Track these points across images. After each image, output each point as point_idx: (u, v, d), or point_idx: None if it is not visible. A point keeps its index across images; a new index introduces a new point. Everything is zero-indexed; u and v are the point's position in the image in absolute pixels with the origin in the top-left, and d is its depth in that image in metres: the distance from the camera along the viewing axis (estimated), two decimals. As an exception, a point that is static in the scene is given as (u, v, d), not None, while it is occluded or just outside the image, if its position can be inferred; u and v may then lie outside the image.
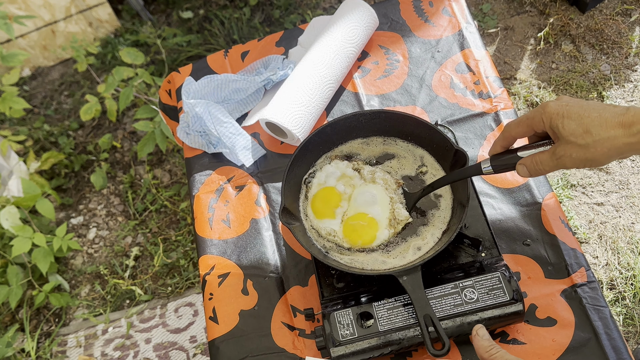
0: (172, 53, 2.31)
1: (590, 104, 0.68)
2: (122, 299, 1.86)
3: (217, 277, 0.98)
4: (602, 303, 0.84)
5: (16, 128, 2.25)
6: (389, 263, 0.87)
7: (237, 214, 1.04)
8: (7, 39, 2.25)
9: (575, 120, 0.67)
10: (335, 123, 0.96)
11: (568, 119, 0.67)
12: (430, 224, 0.90)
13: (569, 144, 0.68)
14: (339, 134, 0.98)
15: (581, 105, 0.68)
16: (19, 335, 1.82)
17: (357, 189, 0.93)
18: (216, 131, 1.06)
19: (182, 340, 1.72)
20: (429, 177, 0.94)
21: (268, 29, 2.31)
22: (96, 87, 2.34)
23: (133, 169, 2.11)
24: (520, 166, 0.75)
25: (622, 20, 2.04)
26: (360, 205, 0.92)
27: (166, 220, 1.99)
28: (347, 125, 0.97)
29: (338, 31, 1.09)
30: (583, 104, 0.68)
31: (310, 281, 0.94)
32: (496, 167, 0.78)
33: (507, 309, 0.79)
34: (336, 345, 0.79)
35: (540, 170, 0.73)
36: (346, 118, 0.96)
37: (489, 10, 2.17)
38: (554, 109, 0.69)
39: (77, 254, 1.99)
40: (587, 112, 0.67)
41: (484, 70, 1.09)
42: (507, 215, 0.94)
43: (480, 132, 1.03)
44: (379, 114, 0.96)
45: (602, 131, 0.65)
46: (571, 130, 0.67)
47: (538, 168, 0.73)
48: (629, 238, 1.67)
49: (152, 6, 2.53)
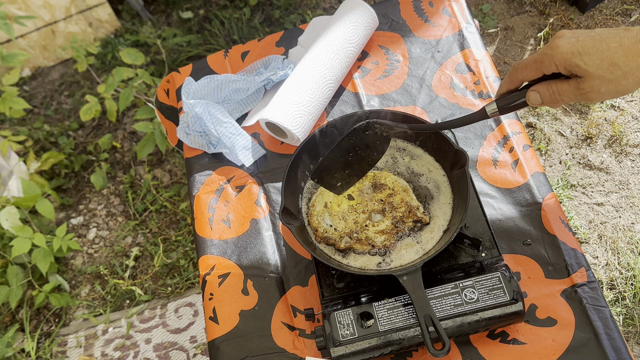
0: (172, 53, 2.31)
1: (599, 33, 0.65)
2: (122, 299, 1.86)
3: (217, 277, 0.98)
4: (602, 303, 0.84)
5: (16, 128, 2.25)
6: (389, 263, 0.87)
7: (237, 214, 1.04)
8: (7, 39, 2.25)
9: (595, 55, 0.64)
10: (335, 123, 0.96)
11: (587, 55, 0.64)
12: (431, 224, 0.90)
13: (597, 79, 0.65)
14: (339, 134, 0.98)
15: (592, 37, 0.65)
16: (19, 335, 1.82)
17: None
18: (216, 131, 1.06)
19: (182, 340, 1.72)
20: (425, 179, 0.94)
21: (268, 29, 2.31)
22: (96, 87, 2.34)
23: (133, 169, 2.11)
24: (533, 93, 0.71)
25: (622, 20, 2.04)
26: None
27: (166, 221, 1.99)
28: (347, 125, 0.97)
29: (338, 31, 1.09)
30: (593, 36, 0.65)
31: (311, 281, 0.94)
32: (502, 106, 0.75)
33: (507, 309, 0.79)
34: (336, 345, 0.79)
35: (558, 100, 0.70)
36: (346, 118, 0.96)
37: (489, 10, 2.17)
38: (566, 48, 0.66)
39: (77, 254, 1.99)
40: (605, 43, 0.64)
41: (484, 70, 1.09)
42: (507, 215, 0.94)
43: (480, 132, 1.03)
44: (379, 114, 0.96)
45: (629, 61, 0.63)
46: (595, 65, 0.64)
47: (555, 97, 0.69)
48: (629, 238, 1.67)
49: (152, 6, 2.53)
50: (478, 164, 1.00)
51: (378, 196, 0.92)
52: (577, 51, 0.65)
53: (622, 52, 0.63)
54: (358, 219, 0.91)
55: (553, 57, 0.67)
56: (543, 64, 0.69)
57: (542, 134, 1.88)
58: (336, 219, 0.91)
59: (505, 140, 1.01)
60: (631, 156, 1.80)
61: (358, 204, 0.92)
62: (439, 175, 0.94)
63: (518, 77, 0.73)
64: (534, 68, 0.70)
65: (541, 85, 0.71)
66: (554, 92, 0.69)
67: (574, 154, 1.83)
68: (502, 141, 1.01)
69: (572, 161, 1.82)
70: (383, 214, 0.91)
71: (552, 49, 0.67)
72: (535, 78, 0.72)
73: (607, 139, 1.83)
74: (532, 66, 0.70)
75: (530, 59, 0.71)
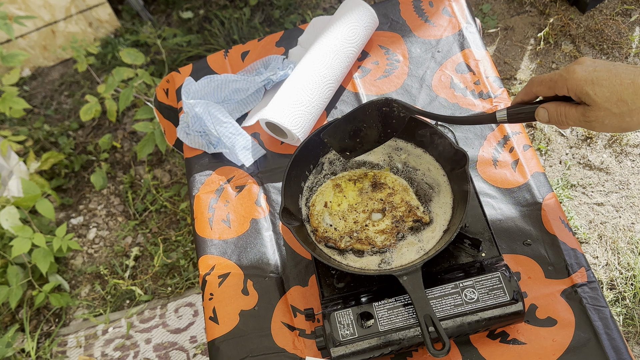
0: (172, 53, 2.31)
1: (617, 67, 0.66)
2: (122, 299, 1.86)
3: (217, 277, 0.98)
4: (602, 303, 0.84)
5: (16, 128, 2.25)
6: (389, 263, 0.87)
7: (237, 214, 1.04)
8: (7, 39, 2.25)
9: (606, 87, 0.65)
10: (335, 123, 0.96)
11: (599, 85, 0.65)
12: (431, 224, 0.90)
13: (602, 111, 0.66)
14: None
15: (609, 69, 0.66)
16: (19, 335, 1.82)
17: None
18: (216, 131, 1.06)
19: (182, 340, 1.72)
20: (428, 177, 0.94)
21: (268, 29, 2.31)
22: (96, 87, 2.34)
23: (133, 169, 2.11)
24: (542, 110, 0.73)
25: (622, 20, 2.04)
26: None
27: (166, 221, 1.99)
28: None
29: (338, 31, 1.09)
30: (611, 68, 0.66)
31: (311, 281, 0.94)
32: (512, 115, 0.76)
33: (507, 309, 0.79)
34: (336, 345, 0.79)
35: (563, 121, 0.71)
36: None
37: (489, 10, 2.17)
38: (581, 75, 0.66)
39: (77, 254, 1.99)
40: (618, 78, 0.65)
41: (484, 70, 1.09)
42: (507, 215, 0.94)
43: (480, 132, 1.03)
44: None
45: (637, 100, 0.63)
46: (604, 97, 0.65)
47: (561, 119, 0.71)
48: (629, 238, 1.67)
49: (152, 6, 2.53)
50: (478, 164, 1.00)
51: (378, 195, 0.92)
52: (591, 80, 0.66)
53: (632, 89, 0.64)
54: (358, 218, 0.91)
55: (567, 80, 0.68)
56: (557, 84, 0.70)
57: (542, 134, 1.88)
58: (336, 219, 0.91)
59: (505, 140, 1.01)
60: (631, 156, 1.80)
61: (358, 204, 0.92)
62: (439, 175, 0.94)
63: (532, 90, 0.74)
64: (547, 86, 0.72)
65: (551, 104, 0.72)
66: (561, 113, 0.71)
67: (574, 154, 1.83)
68: (502, 141, 1.01)
69: (572, 161, 1.82)
70: (383, 214, 0.91)
71: (569, 72, 0.68)
72: (548, 96, 0.74)
73: (607, 139, 1.83)
74: (547, 84, 0.72)
75: (546, 76, 0.72)
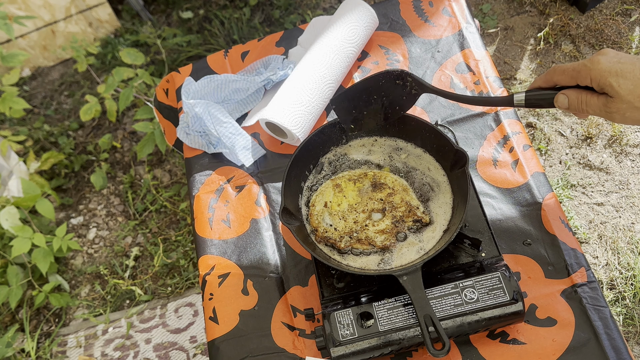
0: (172, 53, 2.31)
1: None
2: (122, 299, 1.86)
3: (217, 277, 0.98)
4: (602, 303, 0.84)
5: (16, 128, 2.25)
6: (389, 263, 0.87)
7: (237, 214, 1.04)
8: (7, 39, 2.25)
9: (630, 80, 0.65)
10: (335, 123, 0.96)
11: (623, 78, 0.65)
12: (431, 223, 0.90)
13: (625, 103, 0.66)
14: (339, 134, 0.98)
15: (633, 62, 0.66)
16: (19, 335, 1.82)
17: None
18: (216, 131, 1.06)
19: (182, 340, 1.72)
20: (428, 178, 0.94)
21: (268, 29, 2.31)
22: (96, 87, 2.34)
23: (133, 169, 2.11)
24: (562, 96, 0.73)
25: (622, 20, 2.04)
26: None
27: (166, 221, 1.99)
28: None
29: (338, 31, 1.09)
30: (635, 61, 0.66)
31: (311, 281, 0.94)
32: (530, 99, 0.76)
33: (507, 309, 0.79)
34: (336, 345, 0.79)
35: (583, 109, 0.71)
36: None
37: (489, 10, 2.17)
38: (605, 66, 0.66)
39: (77, 254, 1.99)
40: None
41: (484, 70, 1.09)
42: (507, 215, 0.94)
43: (480, 132, 1.03)
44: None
45: None
46: (627, 90, 0.65)
47: (581, 107, 0.71)
48: (629, 238, 1.67)
49: (152, 6, 2.53)
50: (478, 164, 1.00)
51: (378, 195, 0.92)
52: (615, 72, 0.66)
53: None
54: (358, 218, 0.91)
55: (591, 70, 0.68)
56: (580, 74, 0.70)
57: (542, 134, 1.88)
58: (336, 219, 0.91)
59: (505, 140, 1.01)
60: (631, 156, 1.80)
61: (358, 204, 0.92)
62: (439, 175, 0.94)
63: (553, 78, 0.74)
64: (570, 75, 0.71)
65: (572, 91, 0.72)
66: (582, 101, 0.70)
67: (574, 154, 1.83)
68: (502, 141, 1.01)
69: (572, 161, 1.82)
70: (383, 214, 0.91)
71: (593, 63, 0.68)
72: (569, 85, 0.73)
73: (607, 139, 1.83)
74: (569, 73, 0.71)
75: (569, 65, 0.72)
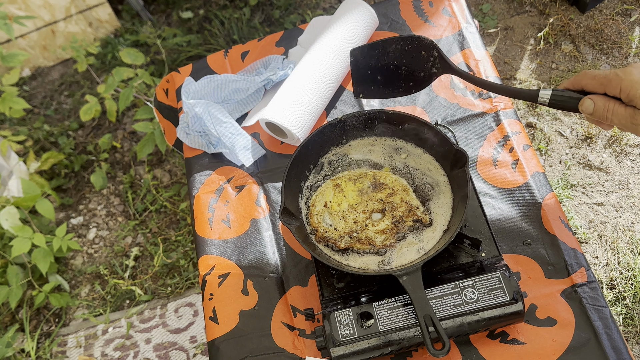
0: (172, 53, 2.31)
1: None
2: (122, 299, 1.86)
3: (217, 277, 0.98)
4: (602, 303, 0.84)
5: (16, 128, 2.25)
6: (389, 263, 0.87)
7: (237, 214, 1.04)
8: (7, 39, 2.25)
9: None
10: (335, 123, 0.96)
11: None
12: (431, 224, 0.90)
13: None
14: (339, 134, 0.98)
15: None
16: (19, 335, 1.82)
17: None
18: (216, 131, 1.06)
19: (182, 340, 1.72)
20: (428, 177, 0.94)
21: (268, 29, 2.31)
22: (96, 87, 2.34)
23: (133, 169, 2.11)
24: (589, 100, 0.72)
25: (622, 20, 2.04)
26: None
27: (166, 221, 1.99)
28: (347, 126, 0.97)
29: (338, 31, 1.09)
30: None
31: (310, 281, 0.94)
32: (555, 97, 0.75)
33: (507, 309, 0.79)
34: (336, 345, 0.79)
35: (607, 118, 0.70)
36: (346, 118, 0.96)
37: (489, 10, 2.17)
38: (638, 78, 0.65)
39: (77, 254, 1.99)
40: None
41: (484, 70, 1.09)
42: (507, 215, 0.94)
43: (480, 132, 1.03)
44: (379, 114, 0.96)
45: None
46: None
47: (607, 115, 0.70)
48: (629, 238, 1.67)
49: (152, 6, 2.53)
50: (478, 164, 1.00)
51: (378, 195, 0.92)
52: None
53: None
54: (358, 218, 0.91)
55: (622, 80, 0.67)
56: (610, 82, 0.69)
57: (542, 134, 1.88)
58: (336, 219, 0.91)
59: (505, 140, 1.01)
60: (631, 156, 1.80)
61: (358, 204, 0.92)
62: (439, 175, 0.94)
63: (581, 82, 0.73)
64: (599, 82, 0.70)
65: (599, 97, 0.71)
66: (608, 109, 0.69)
67: (574, 154, 1.83)
68: (502, 141, 1.01)
69: (572, 161, 1.82)
70: (383, 214, 0.91)
71: (625, 73, 0.67)
72: (595, 92, 0.72)
73: (607, 139, 1.83)
74: (599, 80, 0.70)
75: (600, 72, 0.71)
